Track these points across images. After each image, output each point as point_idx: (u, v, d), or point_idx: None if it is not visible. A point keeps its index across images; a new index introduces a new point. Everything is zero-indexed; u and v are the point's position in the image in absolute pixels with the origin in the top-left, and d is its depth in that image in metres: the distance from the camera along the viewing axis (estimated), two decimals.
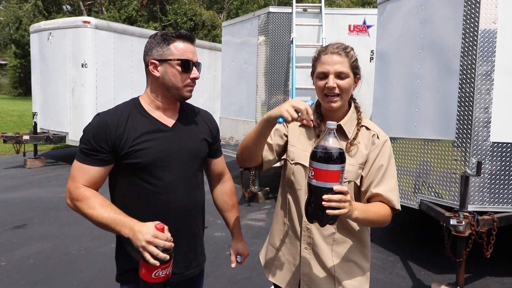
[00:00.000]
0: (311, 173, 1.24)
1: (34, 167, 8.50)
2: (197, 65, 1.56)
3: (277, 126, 1.58)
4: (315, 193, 1.26)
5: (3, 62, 30.97)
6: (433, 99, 3.66)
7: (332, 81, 1.44)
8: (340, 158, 1.23)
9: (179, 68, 1.51)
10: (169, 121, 1.59)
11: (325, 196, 1.22)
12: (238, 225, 1.85)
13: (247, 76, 6.69)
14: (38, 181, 7.35)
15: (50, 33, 8.52)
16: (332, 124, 1.24)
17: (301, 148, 1.55)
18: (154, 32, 1.99)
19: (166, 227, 1.36)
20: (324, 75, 1.47)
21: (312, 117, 1.30)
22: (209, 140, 1.70)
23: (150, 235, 1.30)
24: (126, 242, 1.56)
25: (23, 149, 8.63)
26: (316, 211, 1.26)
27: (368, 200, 1.51)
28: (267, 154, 1.58)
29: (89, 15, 23.86)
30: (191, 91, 1.56)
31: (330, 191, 1.23)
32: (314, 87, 1.53)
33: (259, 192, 6.30)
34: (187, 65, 1.51)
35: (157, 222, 1.36)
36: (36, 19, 23.45)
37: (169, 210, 1.54)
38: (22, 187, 6.85)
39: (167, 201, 1.53)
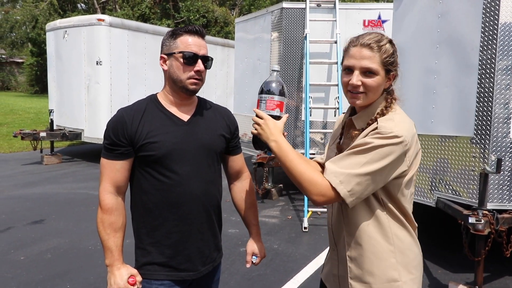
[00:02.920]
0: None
1: (51, 163, 8.65)
2: (204, 58, 1.55)
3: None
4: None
5: (20, 61, 31.53)
6: (451, 95, 3.59)
7: (356, 78, 1.31)
8: (281, 91, 1.44)
9: (182, 60, 1.52)
10: (185, 116, 1.61)
11: (253, 118, 1.38)
12: (257, 224, 1.80)
13: (260, 73, 6.67)
14: (54, 177, 7.47)
15: (66, 31, 8.63)
16: (275, 67, 1.49)
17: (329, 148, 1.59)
18: (167, 29, 2.01)
19: (139, 280, 1.51)
20: (350, 70, 1.35)
21: None
22: (227, 136, 1.70)
23: (118, 286, 1.49)
24: (144, 237, 1.58)
25: (40, 146, 8.79)
26: (256, 138, 1.45)
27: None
28: None
29: (103, 13, 24.10)
30: (195, 83, 1.55)
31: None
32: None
33: (272, 189, 6.30)
34: (190, 58, 1.52)
35: (133, 274, 1.51)
36: (52, 17, 23.82)
37: (183, 203, 1.55)
38: (39, 183, 6.97)
39: (181, 194, 1.54)
